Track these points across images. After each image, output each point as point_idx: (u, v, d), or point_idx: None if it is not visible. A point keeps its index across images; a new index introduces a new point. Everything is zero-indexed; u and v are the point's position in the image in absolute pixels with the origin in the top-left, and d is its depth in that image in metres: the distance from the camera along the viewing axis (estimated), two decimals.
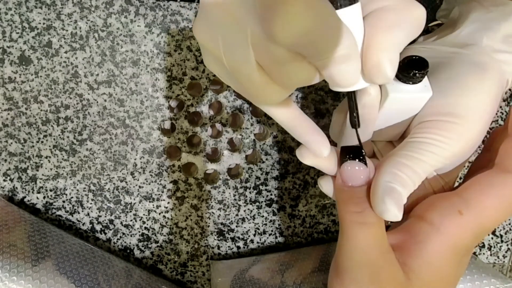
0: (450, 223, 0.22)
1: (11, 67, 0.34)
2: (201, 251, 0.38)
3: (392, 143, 0.28)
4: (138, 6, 0.34)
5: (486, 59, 0.24)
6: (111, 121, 0.35)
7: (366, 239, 0.21)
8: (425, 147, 0.22)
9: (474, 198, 0.22)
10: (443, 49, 0.27)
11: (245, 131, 0.36)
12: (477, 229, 0.22)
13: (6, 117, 0.35)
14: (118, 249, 0.38)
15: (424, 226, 0.23)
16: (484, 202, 0.22)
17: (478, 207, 0.22)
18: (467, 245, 0.22)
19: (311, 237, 0.39)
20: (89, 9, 0.33)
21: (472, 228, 0.22)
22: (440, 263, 0.22)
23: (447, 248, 0.22)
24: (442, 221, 0.22)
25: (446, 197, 0.23)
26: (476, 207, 0.22)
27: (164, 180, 0.37)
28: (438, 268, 0.22)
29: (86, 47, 0.34)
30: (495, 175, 0.22)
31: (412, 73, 0.22)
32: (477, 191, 0.22)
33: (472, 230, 0.22)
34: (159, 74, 0.35)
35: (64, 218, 0.37)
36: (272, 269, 0.34)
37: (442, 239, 0.22)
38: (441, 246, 0.22)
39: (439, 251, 0.22)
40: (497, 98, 0.24)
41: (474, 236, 0.22)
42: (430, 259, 0.22)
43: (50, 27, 0.34)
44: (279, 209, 0.38)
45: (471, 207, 0.22)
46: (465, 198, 0.22)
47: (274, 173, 0.37)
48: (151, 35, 0.34)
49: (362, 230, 0.21)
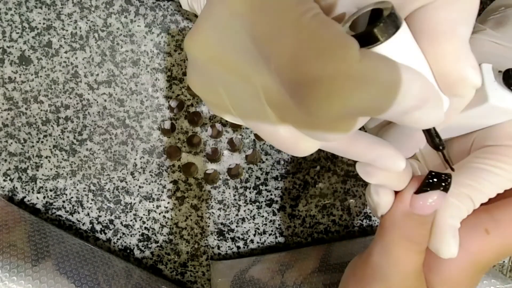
0: (475, 241, 0.21)
1: (11, 67, 0.34)
2: (201, 251, 0.38)
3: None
4: (138, 6, 0.34)
5: None
6: (111, 121, 0.35)
7: (413, 267, 0.21)
8: (487, 177, 0.20)
9: (504, 218, 0.21)
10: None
11: (245, 131, 0.36)
12: (502, 250, 0.21)
13: (6, 117, 0.35)
14: (118, 249, 0.38)
15: None
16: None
17: (508, 229, 0.21)
18: (488, 264, 0.22)
19: (311, 237, 0.39)
20: (89, 9, 0.33)
21: (497, 248, 0.21)
22: (460, 279, 0.21)
23: (468, 266, 0.21)
24: (466, 238, 0.21)
25: (474, 213, 0.22)
26: (506, 228, 0.21)
27: (164, 180, 0.37)
28: (456, 284, 0.21)
29: (86, 47, 0.34)
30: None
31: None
32: (509, 211, 0.21)
33: (496, 251, 0.21)
34: (159, 74, 0.35)
35: (64, 218, 0.37)
36: (272, 269, 0.34)
37: (465, 257, 0.21)
38: (463, 264, 0.21)
39: (460, 269, 0.21)
40: None
41: (496, 256, 0.21)
42: (450, 276, 0.21)
43: (50, 27, 0.34)
44: (279, 209, 0.38)
45: (500, 228, 0.21)
46: (495, 218, 0.21)
47: (274, 173, 0.37)
48: (151, 35, 0.34)
49: (413, 258, 0.20)
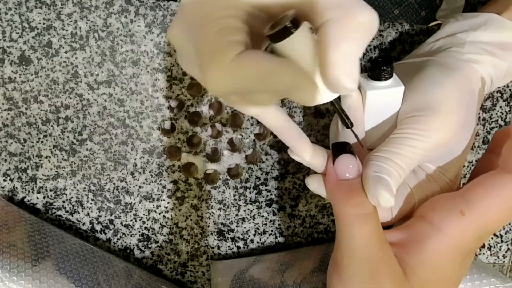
0: (451, 224, 0.22)
1: (11, 67, 0.34)
2: (201, 251, 0.38)
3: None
4: (138, 6, 0.34)
5: (452, 60, 0.27)
6: (111, 121, 0.35)
7: (367, 232, 0.22)
8: (402, 142, 0.24)
9: (476, 199, 0.22)
10: (417, 59, 0.29)
11: (245, 131, 0.36)
12: (479, 230, 0.22)
13: (6, 117, 0.35)
14: (118, 249, 0.38)
15: (425, 226, 0.23)
16: (487, 203, 0.22)
17: (480, 208, 0.22)
18: (469, 246, 0.23)
19: (311, 237, 0.39)
20: (89, 9, 0.33)
21: (474, 229, 0.22)
22: (440, 262, 0.22)
23: (447, 248, 0.22)
24: (443, 221, 0.22)
25: (449, 198, 0.24)
26: (478, 208, 0.22)
27: (164, 180, 0.37)
28: (437, 267, 0.22)
29: (86, 47, 0.34)
30: (499, 176, 0.22)
31: (382, 69, 0.25)
32: (480, 192, 0.22)
33: (474, 232, 0.22)
34: (159, 74, 0.35)
35: (64, 218, 0.37)
36: (272, 269, 0.34)
37: (442, 239, 0.22)
38: (441, 246, 0.22)
39: (438, 251, 0.22)
40: (470, 92, 0.26)
41: (477, 238, 0.22)
42: (428, 258, 0.22)
43: (50, 27, 0.34)
44: (279, 209, 0.38)
45: (473, 208, 0.22)
46: (467, 199, 0.22)
47: (274, 173, 0.37)
48: (151, 35, 0.34)
49: (363, 223, 0.22)
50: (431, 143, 0.24)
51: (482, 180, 0.23)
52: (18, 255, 0.31)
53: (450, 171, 0.27)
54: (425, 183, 0.27)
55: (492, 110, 0.38)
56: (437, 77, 0.25)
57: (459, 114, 0.24)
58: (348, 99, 0.26)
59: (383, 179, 0.22)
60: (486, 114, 0.38)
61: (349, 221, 0.22)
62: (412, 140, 0.24)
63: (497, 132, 0.27)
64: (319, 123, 0.36)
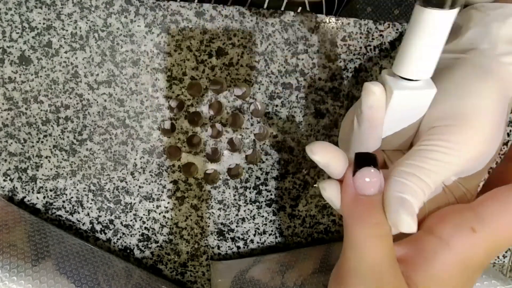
0: (461, 240, 0.21)
1: (11, 67, 0.34)
2: (201, 251, 0.38)
3: (401, 151, 0.27)
4: (138, 6, 0.34)
5: (487, 61, 0.24)
6: (111, 121, 0.35)
7: (380, 254, 0.20)
8: (430, 155, 0.21)
9: (489, 216, 0.21)
10: (444, 56, 0.26)
11: (245, 131, 0.36)
12: (490, 248, 0.21)
13: (6, 117, 0.35)
14: (118, 249, 0.38)
15: (433, 240, 0.21)
16: (500, 220, 0.20)
17: (493, 225, 0.20)
18: (479, 263, 0.21)
19: (311, 237, 0.39)
20: (89, 9, 0.33)
21: (485, 246, 0.21)
22: (447, 279, 0.21)
23: (455, 265, 0.21)
24: (452, 237, 0.21)
25: (459, 211, 0.22)
26: (491, 225, 0.20)
27: (164, 180, 0.37)
28: (444, 285, 0.21)
29: (86, 47, 0.34)
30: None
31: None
32: (494, 208, 0.21)
33: (485, 249, 0.21)
34: (159, 74, 0.35)
35: (64, 218, 0.37)
36: (273, 269, 0.34)
37: (451, 256, 0.21)
38: (449, 263, 0.21)
39: (446, 268, 0.21)
40: (504, 100, 0.23)
41: (487, 254, 0.21)
42: (436, 275, 0.21)
43: (50, 27, 0.34)
44: (279, 209, 0.38)
45: (485, 225, 0.21)
46: (479, 214, 0.21)
47: (274, 173, 0.37)
48: (151, 35, 0.34)
49: (377, 243, 0.20)
50: (463, 158, 0.21)
51: (495, 194, 0.21)
52: (18, 255, 0.30)
53: (471, 183, 0.24)
54: (441, 195, 0.24)
55: None
56: (473, 82, 0.23)
57: (494, 126, 0.22)
58: (370, 96, 0.23)
59: (407, 202, 0.20)
60: None
61: (362, 241, 0.20)
62: (441, 154, 0.21)
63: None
64: (319, 123, 0.36)
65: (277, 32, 0.35)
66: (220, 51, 0.35)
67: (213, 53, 0.35)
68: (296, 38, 0.35)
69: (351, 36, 0.35)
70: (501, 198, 0.21)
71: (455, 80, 0.23)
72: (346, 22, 0.35)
